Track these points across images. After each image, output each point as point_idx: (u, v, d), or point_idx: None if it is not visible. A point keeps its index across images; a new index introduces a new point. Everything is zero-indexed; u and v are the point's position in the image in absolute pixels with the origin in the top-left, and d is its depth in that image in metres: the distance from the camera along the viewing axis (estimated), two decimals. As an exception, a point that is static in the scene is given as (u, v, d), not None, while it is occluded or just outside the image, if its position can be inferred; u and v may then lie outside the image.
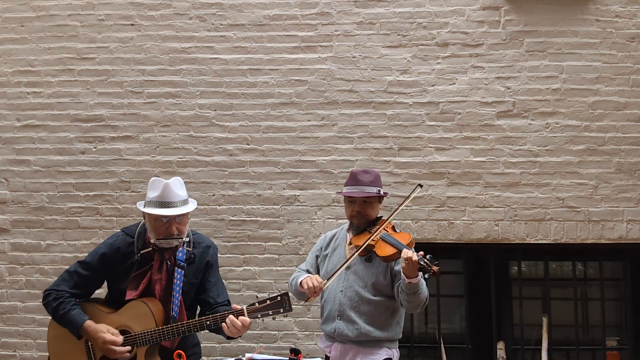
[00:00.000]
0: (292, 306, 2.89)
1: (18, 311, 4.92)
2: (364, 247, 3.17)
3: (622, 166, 4.75)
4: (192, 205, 3.13)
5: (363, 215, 3.30)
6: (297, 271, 3.48)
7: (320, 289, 3.15)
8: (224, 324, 2.89)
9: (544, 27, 4.87)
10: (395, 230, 3.30)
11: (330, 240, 3.49)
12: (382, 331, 3.23)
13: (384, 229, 3.24)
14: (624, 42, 4.83)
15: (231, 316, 2.87)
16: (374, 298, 3.22)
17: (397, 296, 3.18)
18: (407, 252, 2.96)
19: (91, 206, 4.97)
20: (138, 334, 2.98)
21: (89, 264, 3.13)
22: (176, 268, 3.06)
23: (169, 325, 2.97)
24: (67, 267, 4.73)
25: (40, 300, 3.18)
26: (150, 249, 3.07)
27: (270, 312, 2.85)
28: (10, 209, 5.01)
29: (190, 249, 3.15)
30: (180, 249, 3.09)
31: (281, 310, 2.84)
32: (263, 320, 2.92)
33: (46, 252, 4.96)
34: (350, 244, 3.32)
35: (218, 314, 2.94)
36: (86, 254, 3.26)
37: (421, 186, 3.49)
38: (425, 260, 2.90)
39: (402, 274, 3.03)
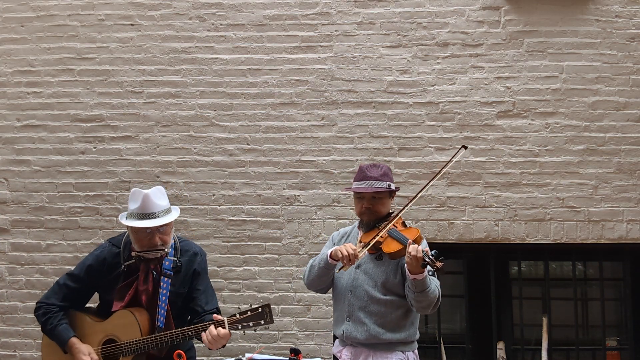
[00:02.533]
0: (279, 315, 2.87)
1: (18, 311, 4.92)
2: (372, 244, 3.04)
3: (622, 166, 4.75)
4: (174, 214, 3.06)
5: (372, 212, 3.15)
6: (312, 261, 3.33)
7: (356, 257, 2.96)
8: (203, 333, 2.86)
9: (544, 27, 4.87)
10: (405, 226, 3.17)
11: (342, 237, 3.35)
12: (394, 333, 3.07)
13: (394, 224, 3.10)
14: (624, 42, 4.83)
15: (211, 327, 2.85)
16: (384, 297, 3.07)
17: (406, 295, 3.04)
18: (411, 247, 2.83)
19: (91, 206, 4.97)
20: (123, 344, 2.99)
21: (76, 276, 3.16)
22: (162, 277, 3.03)
23: (152, 336, 2.96)
24: (67, 267, 4.83)
25: (40, 300, 3.22)
26: (134, 260, 3.06)
27: (251, 324, 2.82)
28: (10, 209, 5.01)
29: (177, 258, 3.12)
30: (167, 257, 3.07)
31: (262, 322, 2.81)
32: (244, 331, 2.91)
33: (46, 252, 4.96)
34: (360, 241, 3.16)
35: (200, 325, 2.92)
36: (84, 255, 3.28)
37: (465, 148, 3.41)
38: (430, 257, 2.77)
39: (406, 270, 2.91)
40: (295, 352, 2.98)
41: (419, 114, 4.87)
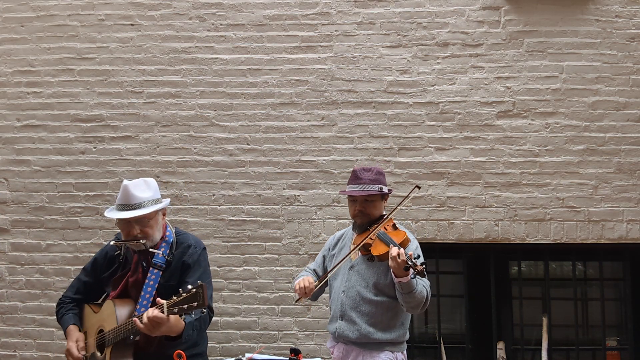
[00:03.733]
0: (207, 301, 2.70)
1: (18, 311, 4.92)
2: (361, 245, 3.13)
3: (622, 166, 4.75)
4: (147, 209, 2.93)
5: (365, 214, 3.26)
6: (305, 271, 3.48)
7: (311, 290, 3.13)
8: (136, 319, 2.76)
9: (544, 27, 4.87)
10: (395, 228, 3.23)
11: (338, 240, 3.46)
12: (384, 333, 3.16)
13: (383, 227, 3.19)
14: (624, 42, 4.83)
15: (148, 309, 2.73)
16: (376, 298, 3.17)
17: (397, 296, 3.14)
18: (393, 250, 2.90)
19: (91, 206, 4.97)
20: (106, 334, 3.01)
21: (86, 270, 3.25)
22: (151, 269, 3.00)
23: (117, 327, 2.93)
24: (67, 267, 4.87)
25: (40, 300, 3.25)
26: (120, 250, 3.10)
27: (185, 307, 2.66)
28: (10, 209, 5.02)
29: (172, 251, 3.08)
30: (163, 250, 3.04)
31: (195, 304, 2.65)
32: (183, 316, 2.77)
33: (46, 252, 4.96)
34: (354, 243, 3.28)
35: (144, 312, 2.79)
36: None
37: (419, 188, 3.40)
38: (412, 260, 2.83)
39: (392, 273, 2.99)
40: (295, 352, 2.99)
41: (419, 114, 4.87)
